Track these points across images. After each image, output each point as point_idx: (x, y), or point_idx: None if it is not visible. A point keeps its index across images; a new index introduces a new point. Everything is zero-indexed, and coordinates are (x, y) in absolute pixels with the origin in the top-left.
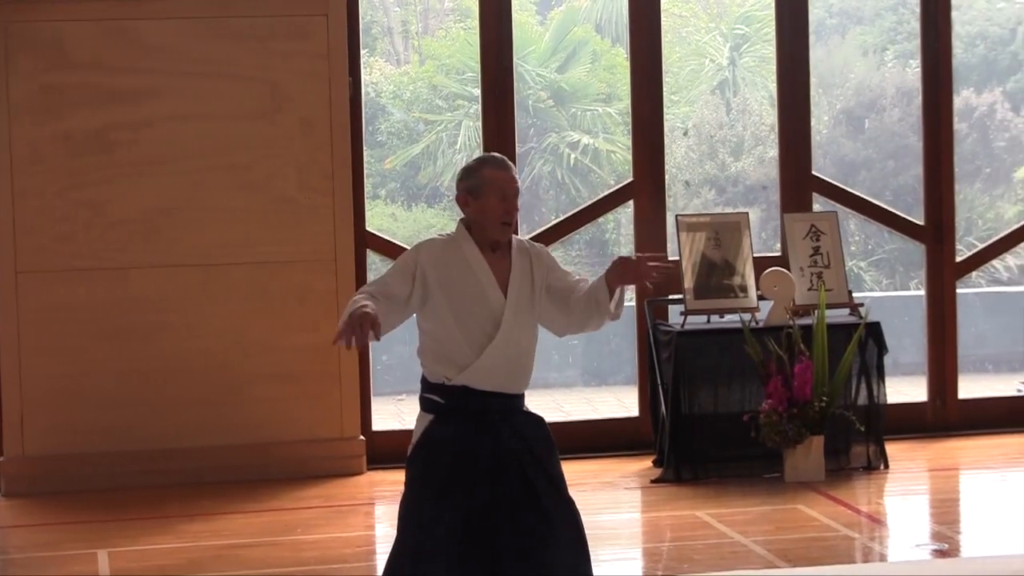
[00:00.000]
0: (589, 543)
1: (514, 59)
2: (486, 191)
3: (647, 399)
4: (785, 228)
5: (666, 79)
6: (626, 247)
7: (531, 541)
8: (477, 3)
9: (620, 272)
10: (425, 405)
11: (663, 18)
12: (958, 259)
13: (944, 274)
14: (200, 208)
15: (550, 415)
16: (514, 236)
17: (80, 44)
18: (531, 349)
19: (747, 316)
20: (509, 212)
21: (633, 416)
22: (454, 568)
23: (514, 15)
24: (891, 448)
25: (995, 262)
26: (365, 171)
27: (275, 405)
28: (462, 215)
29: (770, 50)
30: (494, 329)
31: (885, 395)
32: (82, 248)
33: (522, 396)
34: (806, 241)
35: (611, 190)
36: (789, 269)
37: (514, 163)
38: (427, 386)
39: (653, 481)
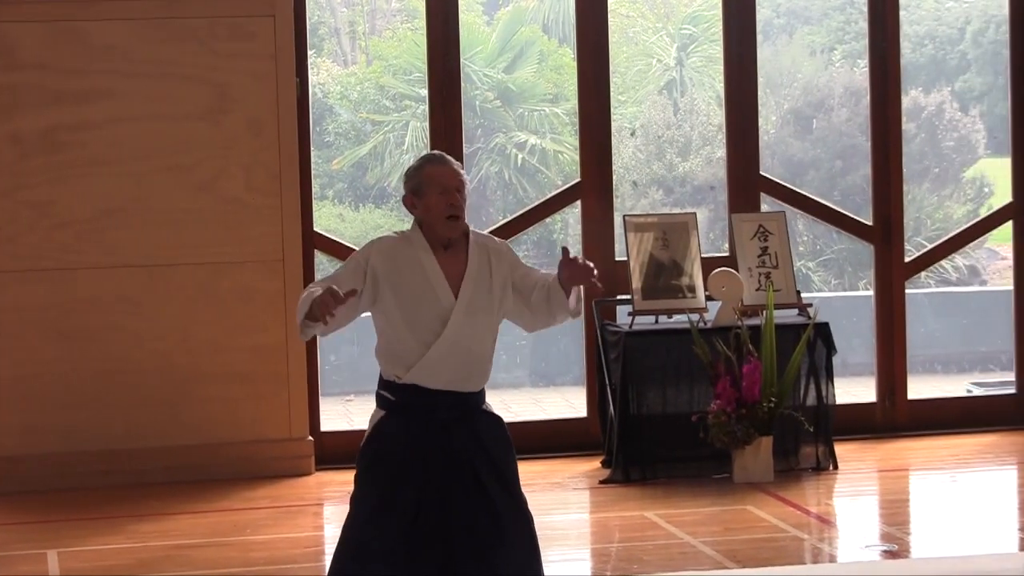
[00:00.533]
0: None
1: (461, 59)
2: (428, 189)
3: (595, 400)
4: (733, 228)
5: (613, 79)
6: (574, 247)
7: (482, 542)
8: (424, 4)
9: (569, 274)
10: (379, 402)
11: (610, 18)
12: (907, 259)
13: (893, 274)
14: (147, 209)
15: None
16: (473, 231)
17: (27, 45)
18: (485, 349)
19: (695, 317)
20: (453, 205)
21: (581, 416)
22: (399, 566)
23: (461, 15)
24: (840, 449)
25: (944, 262)
26: (312, 171)
27: (223, 405)
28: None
29: (717, 50)
30: (443, 329)
31: (834, 396)
32: (28, 249)
33: (479, 394)
34: (754, 241)
35: (559, 190)
36: (737, 269)
37: (461, 163)
38: (381, 383)
39: (601, 482)
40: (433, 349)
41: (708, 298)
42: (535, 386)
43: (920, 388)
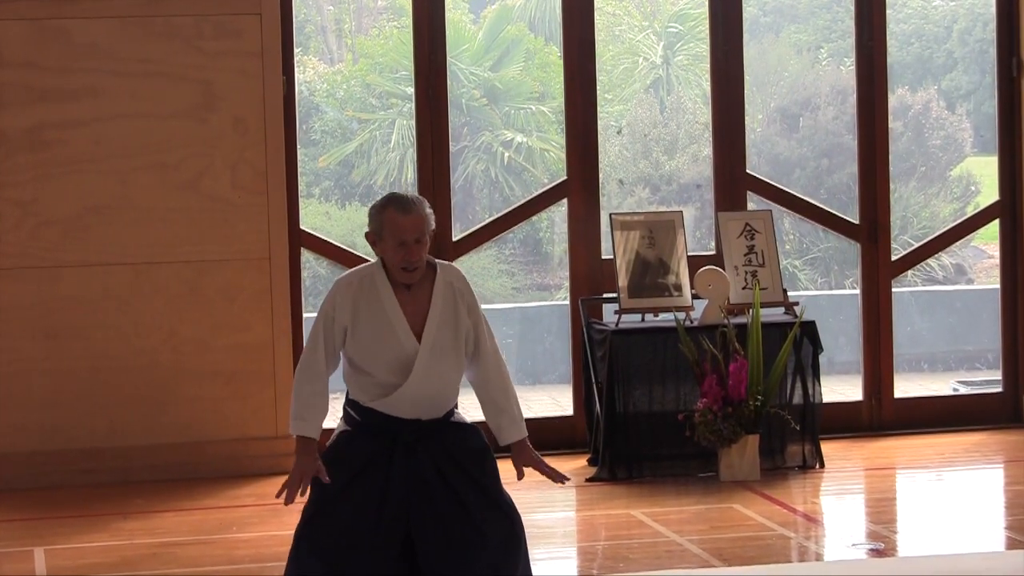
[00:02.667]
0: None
1: (447, 57)
2: (385, 235)
3: (581, 398)
4: (719, 227)
5: (599, 77)
6: (560, 245)
7: (454, 542)
8: (410, 2)
9: (520, 463)
10: (344, 417)
11: (596, 16)
12: (893, 258)
13: (879, 273)
14: (132, 207)
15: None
16: (440, 265)
17: (11, 43)
18: (451, 384)
19: (681, 315)
20: (409, 259)
21: (568, 415)
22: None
23: (447, 13)
24: (826, 447)
25: (930, 261)
26: (299, 169)
27: (209, 404)
28: None
29: (704, 48)
30: (406, 372)
31: (820, 394)
32: (12, 247)
33: (446, 415)
34: (740, 240)
35: (545, 189)
36: (724, 268)
37: (447, 162)
38: (347, 399)
39: (588, 480)
40: (401, 390)
41: (694, 296)
42: (521, 384)
43: (906, 387)
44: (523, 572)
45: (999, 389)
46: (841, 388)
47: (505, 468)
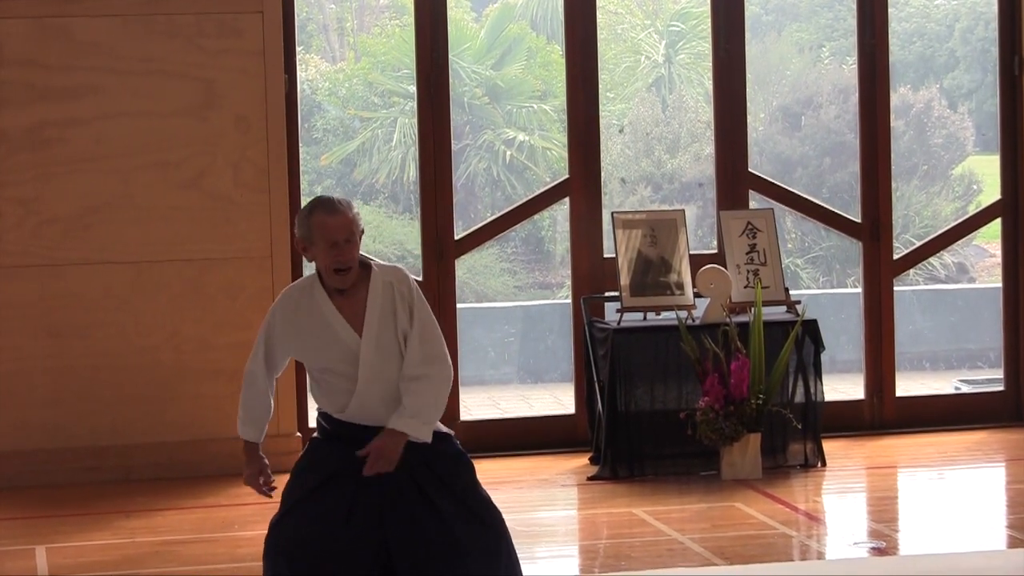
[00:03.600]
0: (526, 542)
1: (449, 56)
2: (315, 239)
3: (583, 396)
4: (721, 225)
5: (602, 76)
6: (562, 244)
7: (429, 553)
8: (412, 0)
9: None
10: (317, 426)
11: (598, 15)
12: (895, 256)
13: (881, 272)
14: (134, 205)
15: (486, 412)
16: (377, 265)
17: (13, 41)
18: None
19: (683, 313)
20: (340, 259)
21: (569, 413)
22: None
23: (449, 12)
24: (828, 446)
25: (932, 260)
26: (301, 168)
27: (211, 402)
28: None
29: (706, 47)
30: (356, 371)
31: (822, 393)
32: (14, 246)
33: None
34: (742, 238)
35: (547, 187)
36: (725, 266)
37: (449, 161)
38: (319, 411)
39: (589, 478)
40: (355, 395)
41: (696, 295)
42: (523, 383)
43: (908, 385)
44: (507, 574)
45: (1001, 388)
46: (843, 387)
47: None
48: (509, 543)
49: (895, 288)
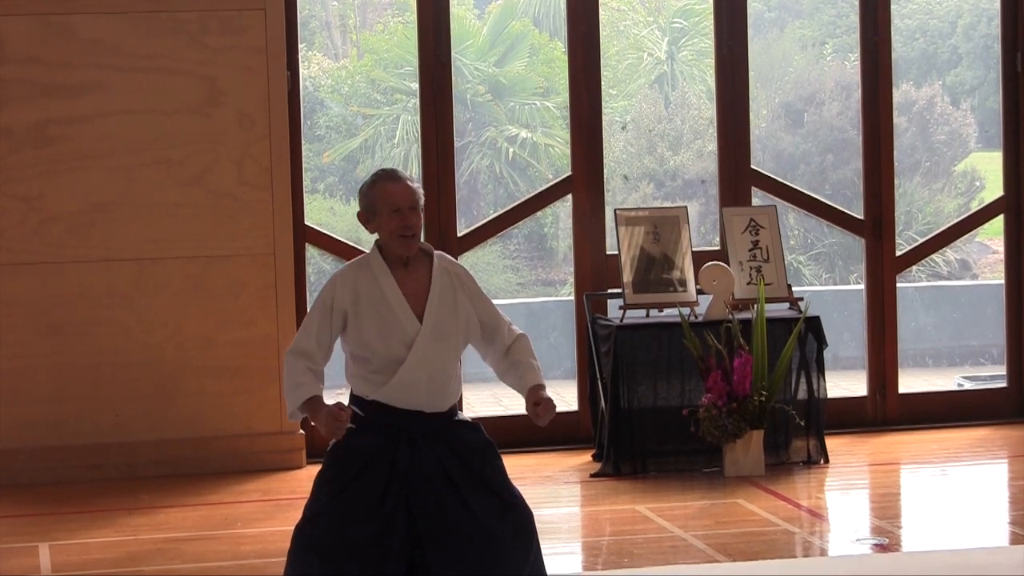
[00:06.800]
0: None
1: (452, 53)
2: (380, 207)
3: (586, 393)
4: (724, 222)
5: (604, 73)
6: (565, 241)
7: (465, 545)
8: None
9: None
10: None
11: (601, 12)
12: (898, 253)
13: (884, 268)
14: (137, 203)
15: (488, 409)
16: (437, 254)
17: (16, 39)
18: (451, 372)
19: (686, 310)
20: (407, 225)
21: (572, 410)
22: (363, 557)
23: (452, 9)
24: (831, 442)
25: (935, 256)
26: (303, 165)
27: (214, 399)
28: None
29: (708, 44)
30: (407, 353)
31: (825, 389)
32: (17, 243)
33: (449, 412)
34: (745, 235)
35: (549, 184)
36: (728, 263)
37: (452, 158)
38: (351, 397)
39: (592, 475)
40: (400, 372)
41: (699, 292)
42: None
43: (911, 382)
44: (534, 567)
45: (1003, 384)
46: (846, 383)
47: (510, 464)
48: (536, 530)
49: (898, 285)
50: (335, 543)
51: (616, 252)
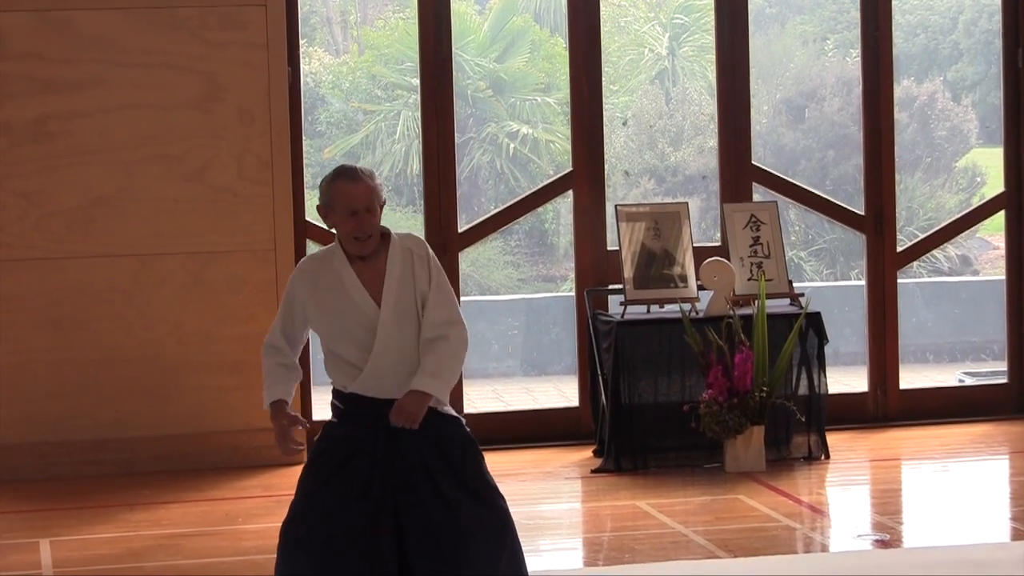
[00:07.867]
0: (529, 534)
1: (453, 49)
2: (336, 206)
3: (587, 389)
4: (725, 218)
5: (605, 69)
6: (565, 237)
7: (439, 539)
8: None
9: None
10: (332, 409)
11: (602, 7)
12: (899, 249)
13: (885, 264)
14: (137, 198)
15: (489, 405)
16: (395, 235)
17: (16, 34)
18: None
19: (687, 306)
20: (359, 227)
21: (573, 406)
22: (347, 547)
23: (453, 4)
24: (832, 438)
25: (936, 252)
26: (304, 161)
27: (215, 394)
28: None
29: (709, 40)
30: (373, 340)
31: (826, 385)
32: (17, 238)
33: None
34: (746, 231)
35: (550, 180)
36: (729, 259)
37: (452, 154)
38: (333, 391)
39: (593, 471)
40: (370, 362)
41: (700, 288)
42: (527, 375)
43: (912, 378)
44: (509, 566)
45: (1004, 380)
46: (847, 379)
47: (511, 459)
48: (513, 529)
49: (899, 281)
50: (321, 538)
51: (617, 248)
